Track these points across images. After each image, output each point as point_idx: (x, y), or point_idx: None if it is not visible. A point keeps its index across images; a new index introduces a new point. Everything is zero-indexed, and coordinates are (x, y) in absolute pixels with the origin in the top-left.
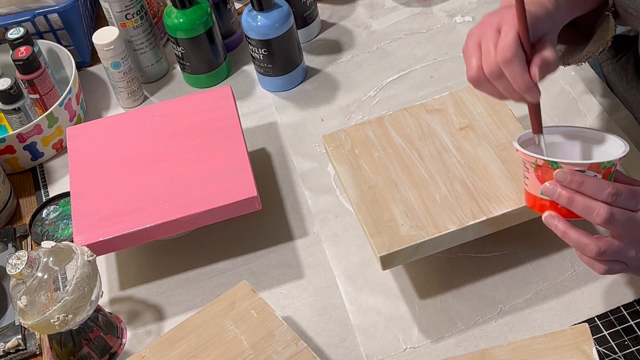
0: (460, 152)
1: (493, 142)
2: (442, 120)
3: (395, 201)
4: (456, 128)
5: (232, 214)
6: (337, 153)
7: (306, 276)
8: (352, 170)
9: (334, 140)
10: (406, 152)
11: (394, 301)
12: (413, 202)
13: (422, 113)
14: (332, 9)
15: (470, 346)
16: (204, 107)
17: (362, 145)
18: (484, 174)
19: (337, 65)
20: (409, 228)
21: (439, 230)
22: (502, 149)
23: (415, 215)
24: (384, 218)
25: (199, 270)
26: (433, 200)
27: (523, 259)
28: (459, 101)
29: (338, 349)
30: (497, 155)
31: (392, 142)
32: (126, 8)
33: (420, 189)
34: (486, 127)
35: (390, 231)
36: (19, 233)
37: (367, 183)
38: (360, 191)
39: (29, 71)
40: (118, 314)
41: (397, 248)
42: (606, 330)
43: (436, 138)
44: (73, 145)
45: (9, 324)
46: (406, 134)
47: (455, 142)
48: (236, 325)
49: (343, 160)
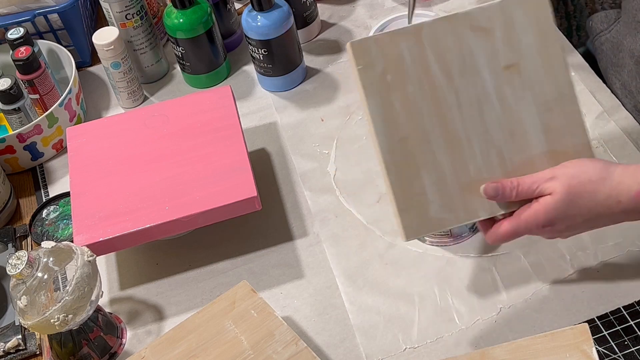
0: (501, 104)
1: (538, 97)
2: (487, 49)
3: (426, 165)
4: (501, 65)
5: (232, 214)
6: (367, 77)
7: (306, 276)
8: (382, 109)
9: (364, 54)
10: (443, 92)
11: (393, 301)
12: (445, 170)
13: (466, 30)
14: (332, 9)
15: (470, 346)
16: (204, 107)
17: (395, 69)
18: (522, 145)
19: (337, 65)
20: (438, 208)
21: (469, 217)
22: (546, 108)
23: (446, 190)
24: (413, 189)
25: (199, 270)
26: (466, 171)
27: (523, 259)
28: (509, 21)
29: (338, 349)
30: (539, 119)
31: (428, 72)
32: (126, 8)
33: (454, 153)
34: (534, 72)
35: (419, 209)
36: (19, 233)
37: (399, 133)
38: (391, 145)
39: (29, 71)
40: (118, 314)
41: (424, 232)
42: (606, 330)
43: (478, 77)
44: (73, 145)
45: (9, 324)
46: (446, 61)
47: (499, 87)
48: (236, 325)
49: (373, 91)
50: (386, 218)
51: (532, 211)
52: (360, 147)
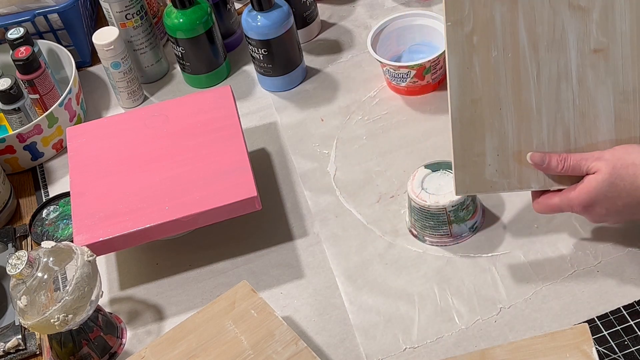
0: (580, 85)
1: (619, 85)
2: (580, 28)
3: (492, 129)
4: (590, 48)
5: (232, 214)
6: (454, 34)
7: (306, 276)
8: (462, 68)
9: (456, 10)
10: (526, 62)
11: (393, 301)
12: (509, 138)
13: (564, 7)
14: (332, 9)
15: (470, 346)
16: (204, 107)
17: (483, 31)
18: (590, 129)
19: (337, 65)
20: (494, 172)
21: (521, 186)
22: (624, 98)
23: (505, 158)
24: (474, 149)
25: (199, 270)
26: (529, 143)
27: (523, 259)
28: (609, 4)
29: (338, 349)
30: (614, 107)
31: (516, 39)
32: (126, 8)
33: (522, 123)
34: (621, 59)
35: (475, 169)
36: (19, 233)
37: (472, 94)
38: (462, 103)
39: (29, 71)
40: (118, 314)
41: (475, 191)
42: (606, 330)
43: (564, 54)
44: (73, 145)
45: (9, 324)
46: (535, 32)
47: (582, 68)
48: (236, 325)
49: (457, 49)
50: (386, 218)
51: (577, 190)
52: (360, 147)
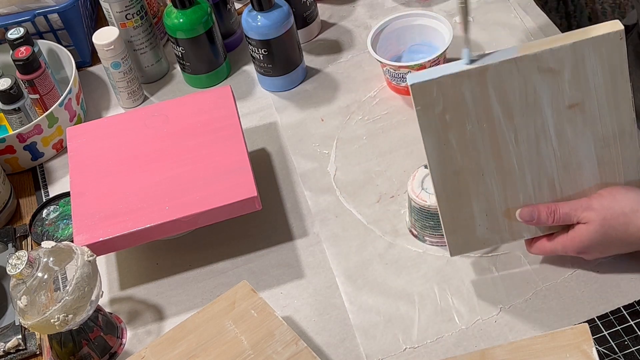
0: (559, 139)
1: (598, 134)
2: (553, 89)
3: (478, 195)
4: (565, 105)
5: (232, 214)
6: (425, 117)
7: (306, 276)
8: (439, 146)
9: (424, 95)
10: (502, 130)
11: (394, 301)
12: (495, 199)
13: (533, 72)
14: (332, 9)
15: (470, 346)
16: (204, 107)
17: (455, 109)
18: (575, 177)
19: (337, 65)
20: (485, 230)
21: (513, 237)
22: (604, 144)
23: (494, 217)
24: (462, 214)
25: (199, 270)
26: (516, 200)
27: (523, 259)
28: (580, 60)
29: (338, 349)
30: (595, 153)
31: (489, 112)
32: (126, 8)
33: (506, 183)
34: (598, 109)
35: (466, 230)
36: (19, 233)
37: (453, 166)
38: (444, 176)
39: (29, 71)
40: (118, 314)
41: (469, 251)
42: (606, 330)
43: (539, 115)
44: (73, 145)
45: (9, 324)
46: (508, 101)
47: (559, 124)
48: (236, 325)
49: (430, 129)
50: (386, 218)
51: (569, 238)
52: (360, 147)
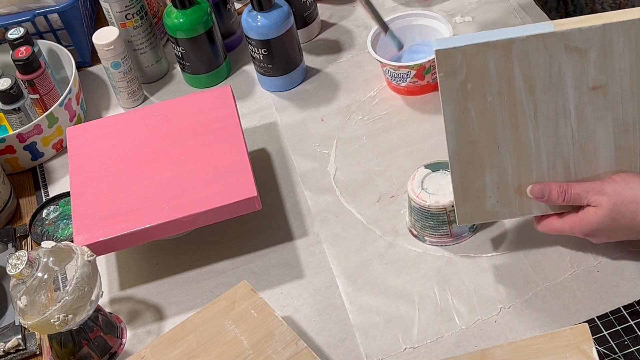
0: (579, 121)
1: (618, 118)
2: (578, 69)
3: (491, 166)
4: (588, 86)
5: (232, 214)
6: (447, 83)
7: (306, 276)
8: (457, 114)
9: (448, 62)
10: (522, 105)
11: (393, 301)
12: (508, 173)
13: (560, 49)
14: (332, 9)
15: (470, 346)
16: (204, 107)
17: (477, 79)
18: (591, 159)
19: (337, 65)
20: (495, 202)
21: (522, 213)
22: (624, 129)
23: (505, 190)
24: (474, 185)
25: (199, 270)
26: (529, 175)
27: (523, 259)
28: (608, 42)
29: (338, 349)
30: (614, 138)
31: (511, 85)
32: (126, 8)
33: (520, 158)
34: (620, 94)
35: (476, 202)
36: (19, 233)
37: (469, 136)
38: (460, 145)
39: (29, 71)
40: (118, 314)
41: (478, 221)
42: (606, 330)
43: (561, 94)
44: (73, 145)
45: (9, 324)
46: (531, 76)
47: (580, 106)
48: (236, 325)
49: (451, 97)
50: (386, 218)
51: (578, 219)
52: (360, 147)
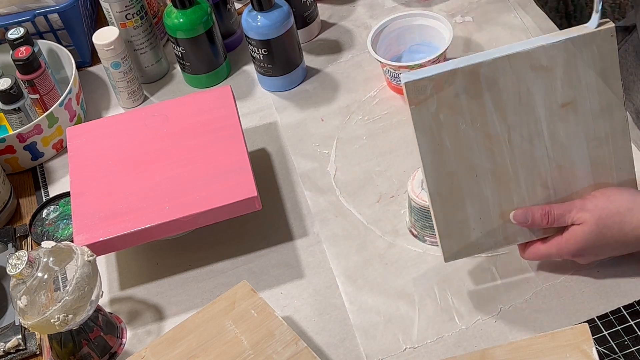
0: (552, 140)
1: (590, 134)
2: (546, 87)
3: (471, 197)
4: (558, 104)
5: (232, 214)
6: (420, 116)
7: (306, 276)
8: (433, 147)
9: (418, 93)
10: (496, 129)
11: (394, 301)
12: (489, 202)
13: (526, 69)
14: (332, 9)
15: (470, 346)
16: (204, 107)
17: (449, 108)
18: (568, 177)
19: (337, 65)
20: (479, 234)
21: (508, 242)
22: (597, 144)
23: (488, 220)
24: (456, 217)
25: (199, 270)
26: (509, 201)
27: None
28: (572, 59)
29: (338, 349)
30: (589, 153)
31: (483, 111)
32: (126, 8)
33: (500, 185)
34: (590, 108)
35: (460, 234)
36: (19, 233)
37: (447, 168)
38: (438, 178)
39: (29, 71)
40: (118, 314)
41: (464, 255)
42: (606, 330)
43: (532, 114)
44: (73, 145)
45: (9, 324)
46: (501, 99)
47: (552, 124)
48: (236, 325)
49: (425, 129)
50: (386, 218)
51: (564, 240)
52: (360, 147)
